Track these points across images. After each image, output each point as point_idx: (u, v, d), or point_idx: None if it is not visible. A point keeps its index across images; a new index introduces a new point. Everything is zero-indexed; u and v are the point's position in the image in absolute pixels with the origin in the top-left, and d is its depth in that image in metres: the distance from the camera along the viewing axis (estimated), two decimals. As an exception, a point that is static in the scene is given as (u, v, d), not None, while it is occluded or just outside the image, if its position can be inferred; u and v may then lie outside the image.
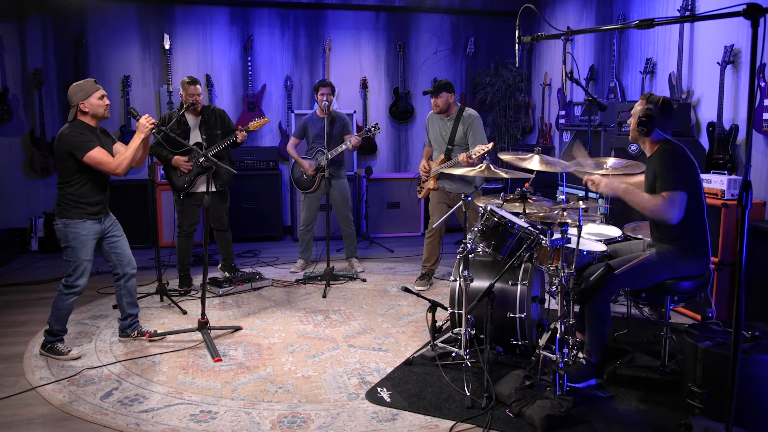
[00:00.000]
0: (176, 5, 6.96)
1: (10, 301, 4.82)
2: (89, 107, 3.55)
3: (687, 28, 4.87)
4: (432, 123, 5.03)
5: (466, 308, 3.35)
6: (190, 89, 4.70)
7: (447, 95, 4.80)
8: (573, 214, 3.20)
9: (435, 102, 4.83)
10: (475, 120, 4.81)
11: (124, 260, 3.77)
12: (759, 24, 1.98)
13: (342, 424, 2.86)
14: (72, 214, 3.54)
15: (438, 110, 4.85)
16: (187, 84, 4.71)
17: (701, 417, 2.63)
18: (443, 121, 4.91)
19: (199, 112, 4.83)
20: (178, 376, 3.40)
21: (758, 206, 4.11)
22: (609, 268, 3.12)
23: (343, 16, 7.39)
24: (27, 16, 6.62)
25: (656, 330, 3.75)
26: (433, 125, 5.01)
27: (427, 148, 5.17)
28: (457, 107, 4.88)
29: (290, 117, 6.99)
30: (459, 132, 4.82)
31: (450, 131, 4.85)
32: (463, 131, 4.81)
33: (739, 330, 2.07)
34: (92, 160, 3.48)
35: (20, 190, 6.71)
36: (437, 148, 5.00)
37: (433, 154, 5.07)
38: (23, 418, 2.95)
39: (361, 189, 7.11)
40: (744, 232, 2.06)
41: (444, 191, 4.96)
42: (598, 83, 6.27)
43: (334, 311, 4.52)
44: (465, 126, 4.80)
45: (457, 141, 4.84)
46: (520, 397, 2.91)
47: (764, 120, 4.15)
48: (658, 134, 3.15)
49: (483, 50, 7.73)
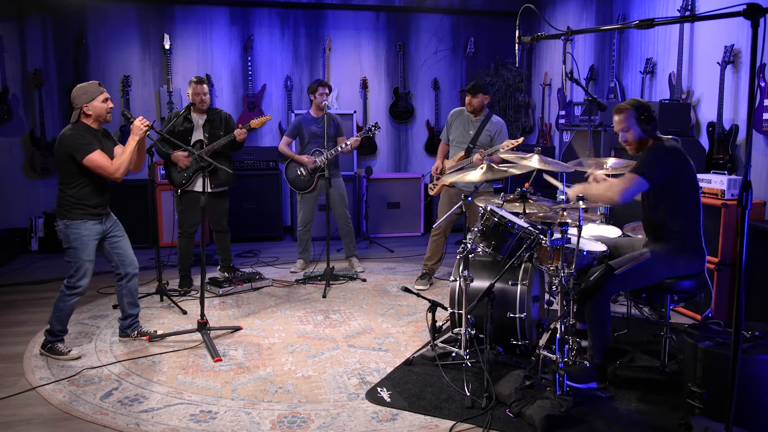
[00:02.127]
0: (176, 5, 6.96)
1: (10, 301, 4.82)
2: (93, 110, 3.54)
3: (687, 28, 4.87)
4: (457, 119, 5.03)
5: (466, 308, 3.35)
6: (196, 88, 4.81)
7: (483, 97, 4.87)
8: (573, 214, 3.21)
9: (470, 101, 4.86)
10: (503, 128, 4.91)
11: (126, 260, 3.77)
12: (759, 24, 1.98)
13: (342, 424, 2.86)
14: (73, 215, 3.54)
15: (471, 109, 4.89)
16: (194, 83, 4.83)
17: (701, 417, 2.63)
18: (471, 120, 4.94)
19: (205, 112, 4.90)
20: (178, 376, 3.40)
21: (758, 206, 4.11)
22: (609, 268, 3.13)
23: (343, 16, 7.39)
24: (27, 16, 6.61)
25: (656, 330, 3.75)
26: (458, 122, 5.01)
27: (443, 145, 5.16)
28: (486, 111, 4.94)
29: (290, 117, 6.98)
30: (484, 134, 4.87)
31: (476, 131, 4.88)
32: (489, 135, 4.87)
33: (739, 330, 2.07)
34: (92, 164, 3.48)
35: (20, 190, 6.71)
36: (457, 146, 5.01)
37: (451, 152, 5.07)
38: (23, 418, 2.96)
39: (361, 189, 7.11)
40: (744, 232, 2.06)
41: (458, 189, 4.95)
42: (598, 83, 6.27)
43: (334, 311, 4.52)
44: (492, 131, 4.87)
45: (480, 142, 4.87)
46: (520, 397, 2.91)
47: (764, 120, 4.15)
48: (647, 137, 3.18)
49: (483, 50, 7.73)
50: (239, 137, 4.81)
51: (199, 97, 4.80)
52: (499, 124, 4.90)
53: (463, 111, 5.01)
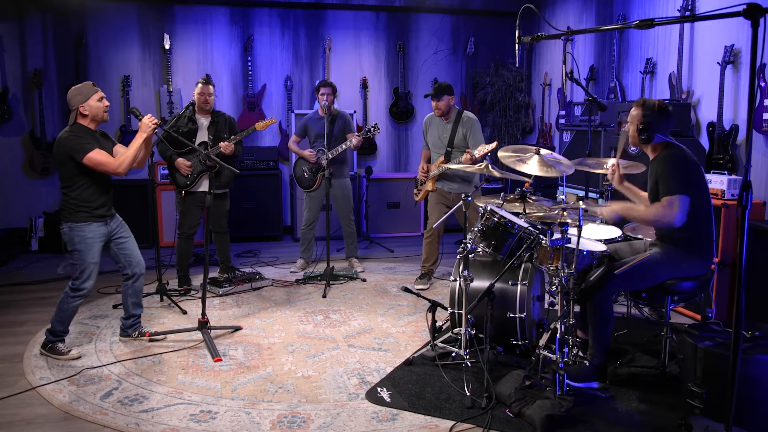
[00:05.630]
0: (176, 5, 6.95)
1: (10, 301, 4.82)
2: (89, 110, 3.54)
3: (687, 28, 4.87)
4: (430, 126, 5.05)
5: (466, 308, 3.35)
6: (202, 89, 4.82)
7: (448, 98, 4.84)
8: (573, 214, 3.21)
9: (436, 105, 4.85)
10: (474, 123, 4.86)
11: (133, 261, 3.77)
12: (759, 24, 1.97)
13: (342, 424, 2.86)
14: (77, 217, 3.54)
15: (439, 113, 4.88)
16: (201, 84, 4.84)
17: (701, 417, 2.63)
18: (442, 124, 4.93)
19: (210, 114, 4.90)
20: (178, 376, 3.40)
21: (758, 206, 4.11)
22: (610, 267, 3.12)
23: (343, 16, 7.39)
24: (27, 15, 6.61)
25: (656, 330, 3.75)
26: (432, 128, 5.03)
27: (425, 150, 5.18)
28: (455, 110, 4.91)
29: (290, 117, 6.98)
30: (458, 134, 4.85)
31: (449, 133, 4.88)
32: (463, 134, 4.84)
33: (739, 330, 2.07)
34: (92, 162, 3.48)
35: (20, 190, 6.70)
36: (436, 150, 5.02)
37: (432, 157, 5.08)
38: (23, 418, 2.96)
39: (361, 189, 7.11)
40: (744, 232, 2.06)
41: (442, 192, 4.97)
42: (598, 83, 6.27)
43: (334, 311, 4.52)
44: (465, 129, 4.84)
45: (456, 143, 4.86)
46: (520, 397, 2.91)
47: (764, 120, 4.15)
48: (658, 138, 3.16)
49: (483, 50, 7.73)
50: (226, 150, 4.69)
51: (203, 98, 4.80)
52: (470, 120, 4.87)
53: (434, 116, 4.99)
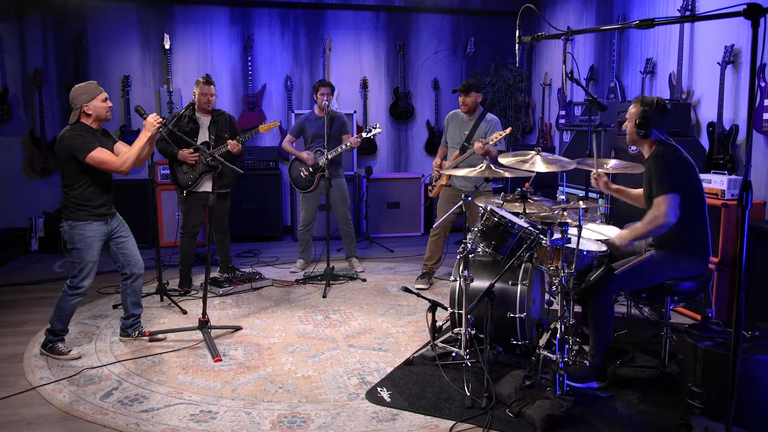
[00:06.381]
0: (176, 5, 6.95)
1: (10, 301, 4.82)
2: (93, 110, 3.55)
3: (687, 28, 4.87)
4: (452, 121, 5.08)
5: (466, 308, 3.35)
6: (204, 89, 4.80)
7: (476, 95, 4.91)
8: (573, 214, 3.21)
9: (464, 100, 4.89)
10: (498, 124, 4.94)
11: (132, 261, 3.77)
12: (759, 24, 1.97)
13: (342, 424, 2.86)
14: (78, 216, 3.54)
15: (466, 109, 4.92)
16: (202, 83, 4.81)
17: (701, 417, 2.63)
18: (465, 120, 4.97)
19: (210, 113, 4.89)
20: (178, 375, 3.40)
21: (758, 206, 4.11)
22: (609, 267, 3.12)
23: (343, 16, 7.39)
24: (27, 15, 6.61)
25: (656, 330, 3.75)
26: (454, 123, 5.06)
27: (442, 147, 5.20)
28: (480, 109, 4.98)
29: (290, 117, 6.99)
30: (480, 130, 4.89)
31: (470, 129, 4.91)
32: (485, 131, 4.88)
33: (739, 330, 2.07)
34: (95, 161, 3.48)
35: (20, 190, 6.70)
36: (453, 147, 5.05)
37: (448, 153, 5.10)
38: (23, 418, 2.95)
39: (361, 189, 7.11)
40: (744, 232, 2.06)
41: (455, 189, 4.96)
42: (598, 83, 6.27)
43: (334, 311, 4.52)
44: (487, 126, 4.89)
45: (475, 140, 4.88)
46: (520, 397, 2.91)
47: (764, 120, 4.15)
48: (655, 135, 3.17)
49: (483, 50, 7.72)
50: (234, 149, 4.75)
51: (206, 98, 4.79)
52: (493, 120, 4.93)
53: (458, 112, 5.04)
